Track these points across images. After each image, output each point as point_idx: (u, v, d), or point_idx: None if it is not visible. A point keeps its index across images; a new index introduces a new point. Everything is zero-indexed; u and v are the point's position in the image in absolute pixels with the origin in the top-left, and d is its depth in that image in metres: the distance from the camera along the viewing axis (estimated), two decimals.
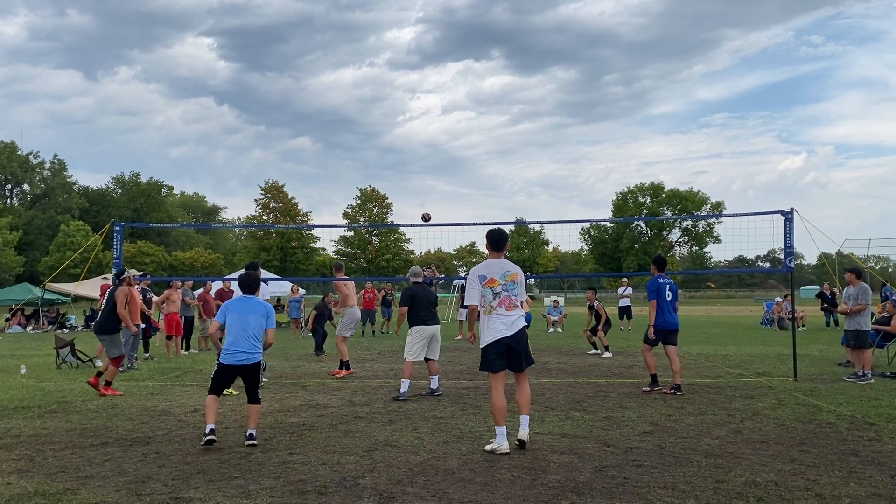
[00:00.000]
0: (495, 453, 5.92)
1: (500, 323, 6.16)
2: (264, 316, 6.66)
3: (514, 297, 6.26)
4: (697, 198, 77.08)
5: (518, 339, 6.20)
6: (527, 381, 6.37)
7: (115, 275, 10.87)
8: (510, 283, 6.27)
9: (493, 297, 6.21)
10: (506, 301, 6.21)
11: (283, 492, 4.98)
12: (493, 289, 6.23)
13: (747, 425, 7.18)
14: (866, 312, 10.50)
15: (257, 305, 6.71)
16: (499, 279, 6.24)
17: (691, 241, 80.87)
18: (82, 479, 5.32)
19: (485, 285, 6.24)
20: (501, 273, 6.28)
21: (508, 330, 6.15)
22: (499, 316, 6.18)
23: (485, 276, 6.27)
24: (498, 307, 6.19)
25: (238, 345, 6.48)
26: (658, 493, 4.89)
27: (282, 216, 71.62)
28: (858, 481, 5.13)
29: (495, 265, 6.34)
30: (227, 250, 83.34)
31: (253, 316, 6.59)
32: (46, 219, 70.71)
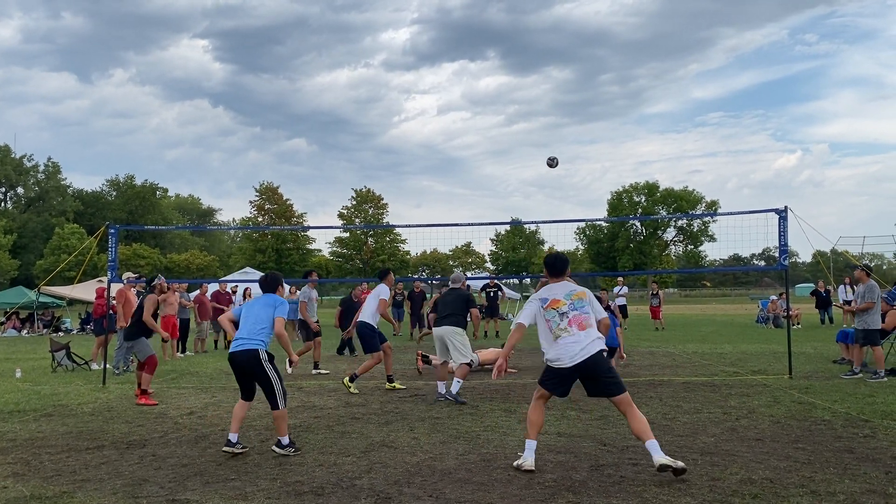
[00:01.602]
0: (521, 469, 5.44)
1: (574, 344, 5.42)
2: (272, 306, 6.38)
3: (587, 315, 5.57)
4: (692, 197, 77.24)
5: (597, 362, 5.40)
6: (632, 405, 5.42)
7: (146, 281, 10.95)
8: (577, 300, 5.60)
9: (560, 317, 5.52)
10: (576, 320, 5.50)
11: (279, 493, 4.99)
12: (557, 310, 5.54)
13: (743, 423, 7.20)
14: (875, 310, 10.44)
15: (269, 298, 6.49)
16: (563, 298, 5.59)
17: (686, 239, 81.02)
18: (78, 483, 5.32)
19: (547, 307, 5.59)
20: (565, 293, 5.65)
21: (582, 353, 5.38)
22: (572, 336, 5.45)
23: (546, 299, 5.65)
24: (568, 327, 5.48)
25: (240, 334, 6.28)
26: (654, 491, 4.91)
27: (277, 218, 71.53)
28: (853, 478, 5.16)
29: (557, 287, 5.74)
30: (222, 252, 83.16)
31: (261, 307, 6.40)
32: (41, 222, 70.47)
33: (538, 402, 5.71)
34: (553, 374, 5.54)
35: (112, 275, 11.45)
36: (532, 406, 5.72)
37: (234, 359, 6.20)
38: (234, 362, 6.22)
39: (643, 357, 14.05)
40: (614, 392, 5.41)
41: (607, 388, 5.44)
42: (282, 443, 6.12)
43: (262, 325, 6.26)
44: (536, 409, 5.69)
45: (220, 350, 17.33)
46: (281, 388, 6.13)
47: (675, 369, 11.97)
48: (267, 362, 6.15)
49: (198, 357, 15.46)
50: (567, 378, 5.51)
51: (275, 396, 6.10)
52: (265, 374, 6.10)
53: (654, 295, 24.88)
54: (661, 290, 26.03)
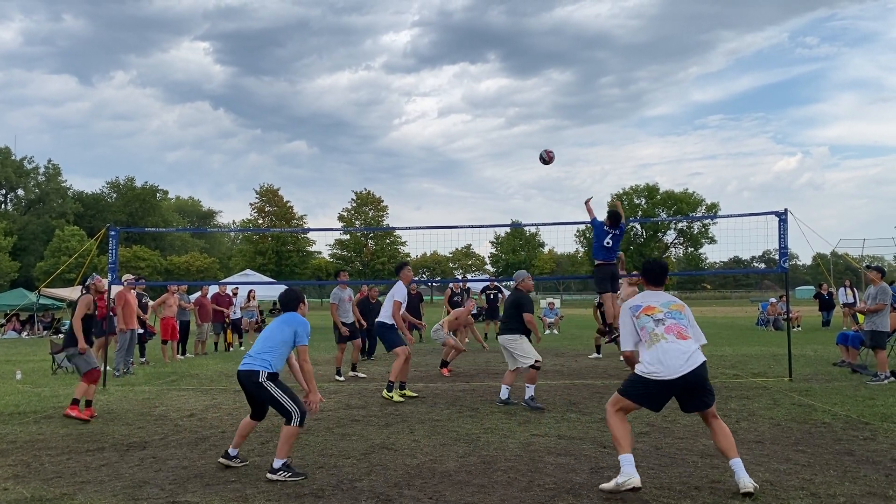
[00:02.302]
0: (622, 489, 4.80)
1: (677, 353, 4.85)
2: (290, 326, 5.74)
3: (685, 326, 5.04)
4: (692, 199, 77.25)
5: (699, 375, 4.85)
6: (718, 417, 5.01)
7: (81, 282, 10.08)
8: (675, 311, 5.10)
9: (656, 324, 5.00)
10: (675, 328, 4.97)
11: (280, 495, 4.99)
12: (652, 316, 5.06)
13: (743, 425, 7.20)
14: (885, 313, 10.42)
15: (289, 317, 5.86)
16: (658, 306, 5.11)
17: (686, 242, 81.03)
18: (79, 485, 5.32)
19: (640, 314, 5.09)
20: (662, 301, 5.17)
21: (687, 365, 4.81)
22: (672, 343, 4.89)
23: (639, 306, 5.15)
24: (665, 334, 4.94)
25: (249, 350, 5.81)
26: (654, 493, 4.91)
27: (277, 220, 71.54)
28: (853, 480, 5.16)
29: (652, 296, 5.26)
30: (222, 254, 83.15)
31: (278, 325, 5.81)
32: (41, 224, 70.48)
33: (618, 415, 5.05)
34: (647, 385, 4.89)
35: (112, 277, 11.46)
36: (612, 421, 5.04)
37: (238, 377, 5.77)
38: (239, 381, 5.79)
39: None
40: (709, 404, 4.94)
41: (704, 402, 4.93)
42: (274, 466, 5.44)
43: (271, 345, 5.71)
44: (618, 423, 5.01)
45: (221, 352, 17.34)
46: (294, 405, 5.52)
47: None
48: (268, 381, 5.58)
49: (198, 359, 15.46)
50: (666, 392, 4.88)
51: (287, 412, 5.52)
52: (268, 394, 5.57)
53: None
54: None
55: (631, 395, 4.99)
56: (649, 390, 4.90)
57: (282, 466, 5.39)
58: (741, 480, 4.71)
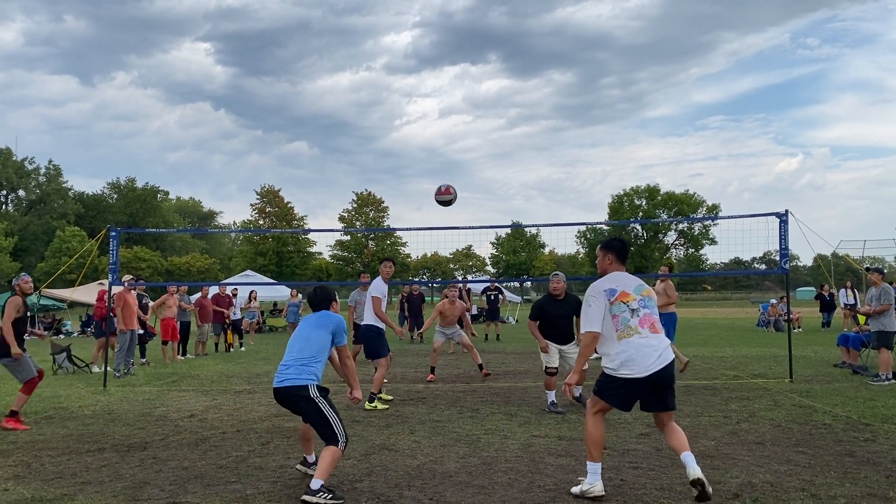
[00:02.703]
0: (586, 497, 4.75)
1: (649, 349, 4.66)
2: (326, 328, 5.34)
3: (657, 317, 4.86)
4: (693, 200, 77.29)
5: (668, 374, 4.70)
6: (672, 421, 4.87)
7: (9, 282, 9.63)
8: (647, 298, 4.85)
9: (631, 314, 4.76)
10: (648, 320, 4.76)
11: (280, 496, 4.99)
12: (628, 304, 4.78)
13: (743, 427, 7.20)
14: (890, 313, 10.43)
15: (323, 318, 5.44)
16: (633, 293, 4.82)
17: (687, 243, 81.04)
18: (79, 485, 5.32)
19: (616, 300, 4.79)
20: (635, 286, 4.89)
21: (658, 362, 4.64)
22: (644, 339, 4.69)
23: (614, 290, 4.82)
24: (639, 328, 4.72)
25: (285, 361, 5.26)
26: (655, 494, 4.91)
27: (278, 221, 71.57)
28: (854, 481, 5.16)
29: (625, 277, 4.96)
30: (223, 255, 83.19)
31: (312, 328, 5.35)
32: (42, 224, 70.52)
33: (597, 417, 4.90)
34: (618, 384, 4.71)
35: (113, 277, 11.46)
36: (589, 422, 4.89)
37: (278, 394, 5.22)
38: (277, 396, 5.24)
39: None
40: (671, 405, 4.80)
41: (667, 402, 4.78)
42: (312, 487, 4.81)
43: (312, 353, 5.23)
44: (596, 425, 4.86)
45: (221, 353, 17.34)
46: (342, 428, 5.08)
47: (676, 372, 11.95)
48: (319, 398, 5.11)
49: (198, 360, 15.47)
50: (637, 390, 4.70)
51: (334, 435, 5.04)
52: (318, 412, 5.09)
53: None
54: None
55: (606, 395, 4.83)
56: (622, 390, 4.73)
57: (321, 488, 4.82)
58: (691, 470, 4.55)
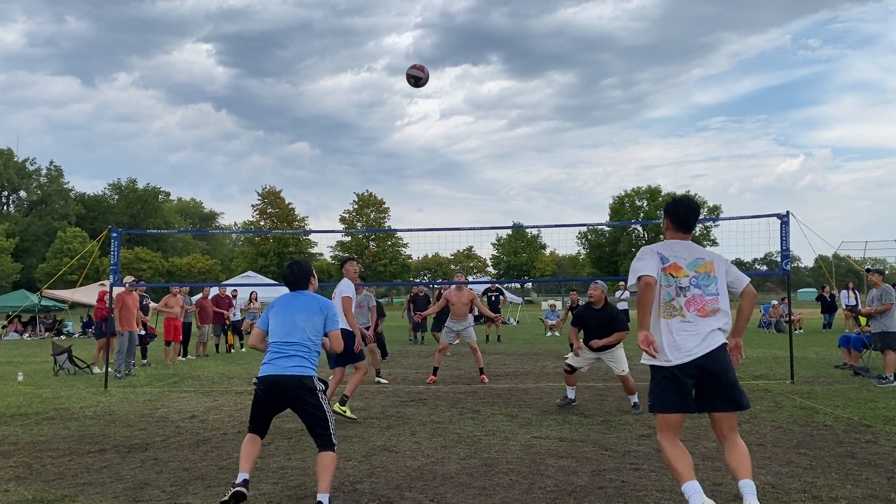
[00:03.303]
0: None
1: (688, 333, 4.07)
2: (320, 314, 4.93)
3: (712, 298, 4.15)
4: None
5: (717, 359, 4.06)
6: (737, 432, 4.20)
7: None
8: (703, 275, 4.16)
9: (678, 292, 4.12)
10: (697, 303, 4.11)
11: (281, 497, 4.99)
12: (677, 280, 4.14)
13: (744, 428, 7.19)
14: (892, 313, 10.40)
15: (310, 301, 4.99)
16: (686, 268, 4.16)
17: None
18: (80, 486, 5.32)
19: (665, 271, 4.15)
20: (691, 260, 4.21)
21: (700, 347, 4.04)
22: (686, 323, 4.09)
23: (666, 259, 4.18)
24: (685, 309, 4.10)
25: (282, 352, 4.78)
26: (656, 496, 4.90)
27: (279, 222, 71.57)
28: (855, 483, 5.15)
29: (681, 247, 4.27)
30: (224, 256, 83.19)
31: (303, 315, 4.90)
32: (43, 225, 70.55)
33: (670, 441, 4.14)
34: (662, 375, 4.10)
35: (114, 278, 11.47)
36: (667, 452, 4.14)
37: (279, 384, 4.66)
38: (275, 387, 4.68)
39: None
40: (737, 402, 4.10)
41: (731, 395, 4.09)
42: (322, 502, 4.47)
43: (312, 344, 4.85)
44: (674, 450, 4.11)
45: (222, 354, 17.34)
46: (334, 429, 4.76)
47: None
48: (322, 393, 4.74)
49: (199, 361, 15.47)
50: (684, 378, 4.04)
51: (328, 436, 4.67)
52: (317, 406, 4.67)
53: None
54: None
55: (663, 400, 4.12)
56: (668, 382, 4.07)
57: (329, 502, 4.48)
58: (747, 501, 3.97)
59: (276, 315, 4.97)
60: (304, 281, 5.15)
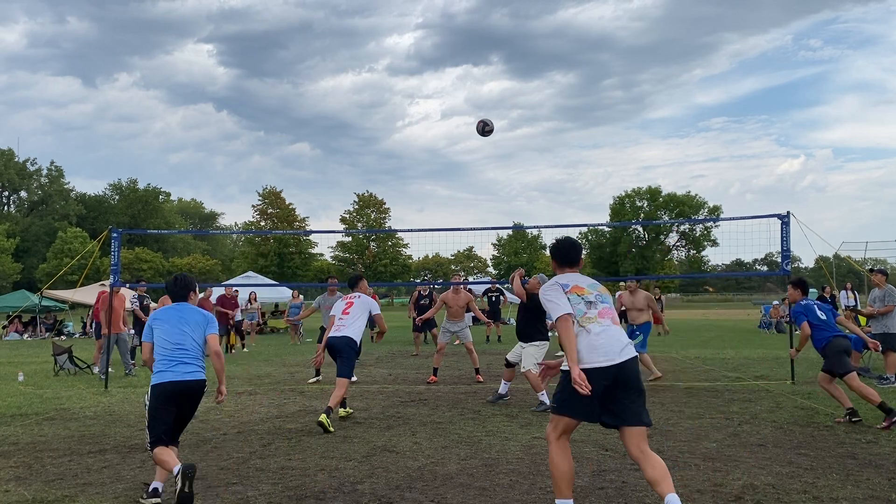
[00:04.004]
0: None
1: (608, 337, 4.19)
2: (203, 324, 5.30)
3: (615, 313, 4.42)
4: (695, 202, 77.25)
5: (634, 369, 4.21)
6: (648, 446, 4.22)
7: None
8: (604, 294, 4.46)
9: (588, 306, 4.32)
10: (608, 313, 4.33)
11: (281, 497, 4.99)
12: (584, 297, 4.36)
13: (745, 428, 7.19)
14: (894, 314, 10.39)
15: (193, 313, 5.34)
16: (587, 288, 4.44)
17: (689, 244, 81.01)
18: (80, 487, 5.32)
19: (570, 292, 4.37)
20: (589, 283, 4.52)
21: (623, 353, 4.16)
22: (604, 329, 4.22)
23: (567, 284, 4.43)
24: (598, 318, 4.27)
25: (176, 357, 5.11)
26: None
27: (279, 222, 71.60)
28: (856, 484, 5.15)
29: (576, 276, 4.57)
30: (224, 256, 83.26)
31: (189, 326, 5.24)
32: (44, 226, 70.61)
33: (560, 443, 4.23)
34: (569, 383, 4.10)
35: (115, 279, 11.47)
36: (553, 451, 4.23)
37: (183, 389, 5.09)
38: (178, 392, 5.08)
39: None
40: (643, 419, 4.19)
41: (637, 412, 4.17)
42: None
43: (200, 348, 5.25)
44: (561, 454, 4.21)
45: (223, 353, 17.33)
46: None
47: (678, 374, 11.95)
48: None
49: None
50: (599, 381, 4.07)
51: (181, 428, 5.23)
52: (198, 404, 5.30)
53: (656, 300, 24.85)
54: (663, 296, 26.01)
55: (566, 405, 4.19)
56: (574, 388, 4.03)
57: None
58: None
59: (162, 325, 5.25)
60: (185, 293, 5.48)
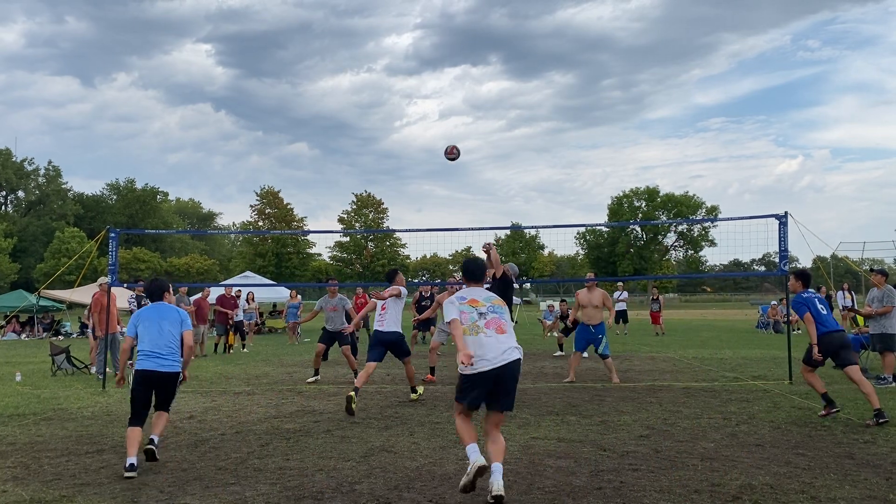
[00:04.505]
0: (471, 473, 4.85)
1: (490, 345, 5.06)
2: (178, 321, 6.26)
3: (505, 322, 5.25)
4: (692, 202, 77.33)
5: (512, 371, 5.08)
6: (499, 429, 5.16)
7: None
8: (497, 306, 5.29)
9: (479, 316, 5.17)
10: (495, 323, 5.16)
11: (279, 498, 4.98)
12: (476, 308, 5.21)
13: (743, 428, 7.20)
14: (892, 315, 10.38)
15: (170, 311, 6.27)
16: (482, 301, 5.29)
17: (686, 245, 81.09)
18: (78, 487, 5.32)
19: (465, 304, 5.25)
20: (485, 296, 5.38)
21: (500, 357, 5.02)
22: (487, 338, 5.08)
23: (464, 297, 5.31)
24: (486, 328, 5.12)
25: (156, 350, 6.06)
26: (654, 496, 4.90)
27: (277, 222, 71.56)
28: (853, 484, 5.15)
29: (476, 291, 5.44)
30: (222, 256, 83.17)
31: (167, 322, 6.18)
32: (41, 225, 70.50)
33: (461, 417, 5.21)
34: (469, 380, 5.05)
35: (113, 279, 11.46)
36: (457, 423, 5.24)
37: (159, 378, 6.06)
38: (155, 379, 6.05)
39: (643, 362, 14.04)
40: (507, 406, 5.15)
41: (503, 402, 5.12)
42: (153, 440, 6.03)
43: (176, 343, 6.19)
44: (462, 424, 5.19)
45: (220, 354, 17.32)
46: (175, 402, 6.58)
47: (676, 374, 11.96)
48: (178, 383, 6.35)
49: (197, 361, 15.43)
50: (484, 383, 5.02)
51: (169, 404, 6.27)
52: (174, 389, 6.24)
53: (654, 300, 24.89)
54: (661, 296, 26.03)
55: (463, 396, 5.13)
56: (472, 384, 5.06)
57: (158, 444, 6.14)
58: (494, 484, 4.83)
59: (143, 322, 6.20)
60: (160, 293, 6.47)
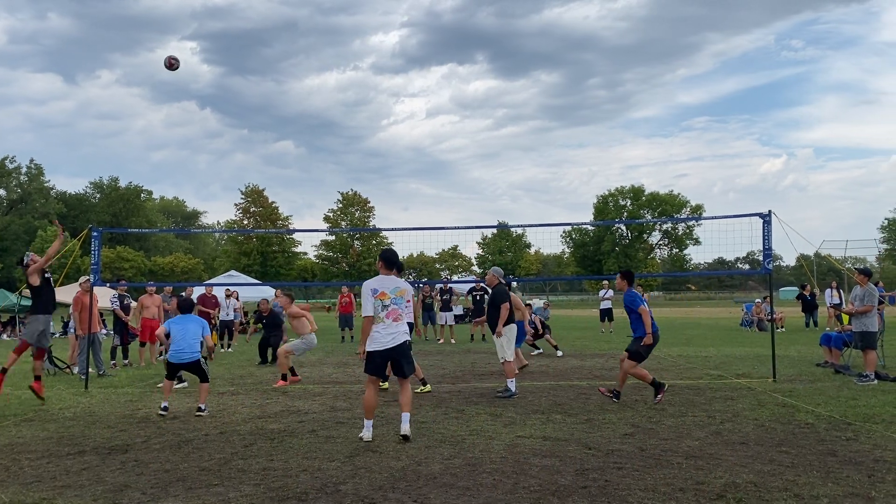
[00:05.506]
0: (362, 440, 6.67)
1: (386, 334, 6.83)
2: (201, 327, 8.74)
3: (403, 310, 6.98)
4: (677, 201, 77.80)
5: (400, 350, 6.88)
6: (409, 384, 7.04)
7: None
8: (399, 297, 6.93)
9: (383, 308, 6.84)
10: (393, 313, 6.89)
11: (263, 499, 4.95)
12: (382, 301, 6.87)
13: (727, 426, 7.23)
14: (873, 314, 10.47)
15: (196, 320, 8.84)
16: (389, 293, 6.91)
17: (671, 243, 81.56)
18: (59, 489, 5.25)
19: (376, 298, 6.86)
20: (392, 287, 6.96)
21: (392, 341, 6.83)
22: (385, 327, 6.84)
23: (376, 290, 6.90)
24: (385, 318, 6.84)
25: (184, 348, 8.50)
26: (639, 495, 4.91)
27: (262, 220, 71.24)
28: (836, 481, 5.19)
29: (387, 280, 7.00)
30: (207, 255, 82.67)
31: (193, 326, 8.67)
32: (23, 224, 69.75)
33: (370, 387, 6.98)
34: (371, 357, 6.87)
35: (95, 278, 11.34)
36: (367, 392, 6.97)
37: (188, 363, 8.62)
38: (185, 364, 8.61)
39: None
40: (405, 373, 6.94)
41: (402, 370, 6.92)
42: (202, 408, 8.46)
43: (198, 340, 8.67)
44: (370, 394, 6.94)
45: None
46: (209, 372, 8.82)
47: (660, 372, 11.99)
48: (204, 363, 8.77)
49: None
50: (382, 360, 6.89)
51: (205, 374, 8.64)
52: (201, 368, 8.64)
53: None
54: (646, 294, 26.11)
55: (371, 368, 6.92)
56: (374, 360, 6.88)
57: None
58: (403, 427, 6.73)
59: (176, 325, 8.68)
60: (189, 308, 9.08)
